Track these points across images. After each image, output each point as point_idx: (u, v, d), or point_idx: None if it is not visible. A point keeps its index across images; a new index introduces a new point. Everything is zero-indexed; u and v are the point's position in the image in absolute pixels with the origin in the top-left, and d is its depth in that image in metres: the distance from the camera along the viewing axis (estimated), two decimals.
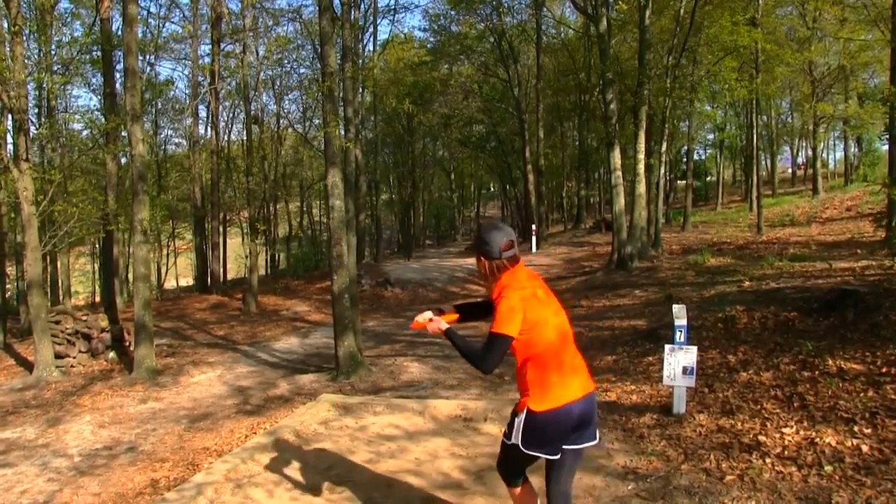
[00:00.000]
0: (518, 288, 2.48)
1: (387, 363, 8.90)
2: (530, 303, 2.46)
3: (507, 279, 2.51)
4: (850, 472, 3.51)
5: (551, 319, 2.50)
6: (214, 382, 9.01)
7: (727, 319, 6.85)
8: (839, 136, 35.45)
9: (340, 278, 8.39)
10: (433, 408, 5.38)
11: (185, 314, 15.62)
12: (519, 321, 2.40)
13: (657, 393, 5.49)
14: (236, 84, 20.16)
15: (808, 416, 4.28)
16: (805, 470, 3.61)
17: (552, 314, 2.52)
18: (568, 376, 2.51)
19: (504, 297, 2.44)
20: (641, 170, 15.45)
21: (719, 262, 12.55)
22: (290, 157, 28.31)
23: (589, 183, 33.22)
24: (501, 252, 2.50)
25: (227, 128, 24.64)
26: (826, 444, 3.84)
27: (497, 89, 28.81)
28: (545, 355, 2.47)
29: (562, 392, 2.46)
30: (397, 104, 17.93)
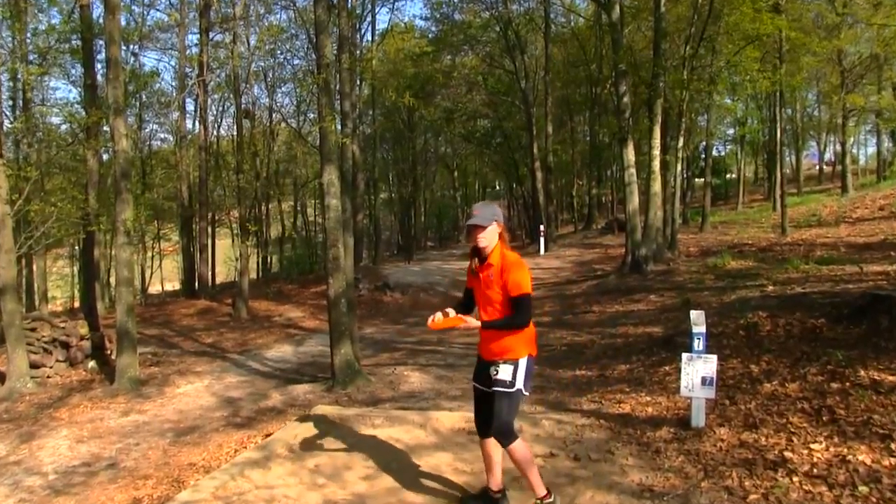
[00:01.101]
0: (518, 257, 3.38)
1: (386, 372, 8.87)
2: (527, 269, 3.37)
3: (505, 248, 3.41)
4: (888, 493, 3.45)
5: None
6: (202, 393, 8.98)
7: (749, 326, 6.81)
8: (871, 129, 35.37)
9: (337, 282, 8.37)
10: (435, 420, 5.36)
11: (170, 320, 15.62)
12: (529, 279, 3.30)
13: (674, 405, 5.46)
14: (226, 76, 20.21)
15: (838, 432, 4.23)
16: (837, 490, 3.57)
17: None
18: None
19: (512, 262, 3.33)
20: (657, 167, 15.40)
21: (740, 265, 12.52)
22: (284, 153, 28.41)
23: (601, 181, 33.21)
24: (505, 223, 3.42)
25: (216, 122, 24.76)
26: (860, 463, 3.79)
27: (503, 82, 28.80)
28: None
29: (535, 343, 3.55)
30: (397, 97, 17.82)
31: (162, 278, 29.62)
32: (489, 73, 28.87)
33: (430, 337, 11.76)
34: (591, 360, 8.00)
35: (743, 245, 16.03)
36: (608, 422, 5.18)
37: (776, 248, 14.66)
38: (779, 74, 16.83)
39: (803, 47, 18.96)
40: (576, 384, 6.96)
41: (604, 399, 6.00)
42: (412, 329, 13.23)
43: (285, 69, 24.06)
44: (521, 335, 3.38)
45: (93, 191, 14.95)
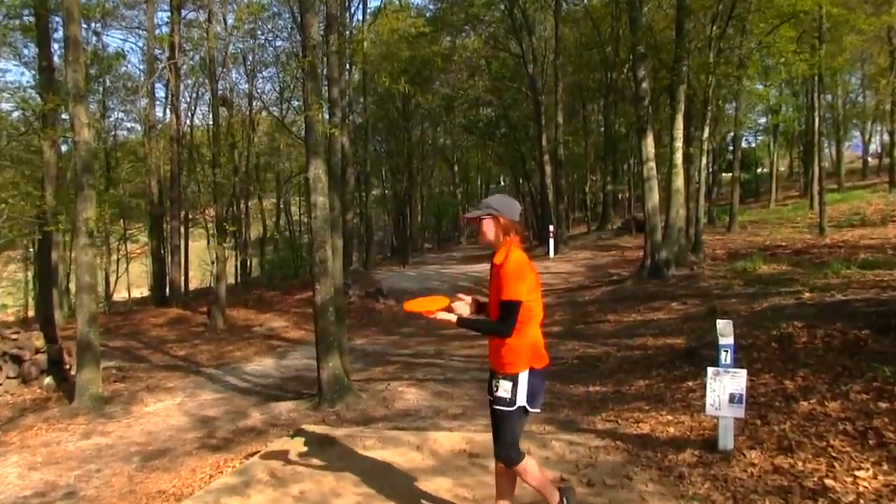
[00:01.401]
0: (520, 260, 3.33)
1: (379, 388, 8.86)
2: (529, 269, 3.33)
3: (512, 247, 3.37)
4: None
5: (537, 294, 3.40)
6: (173, 412, 8.97)
7: (783, 337, 6.79)
8: None
9: (324, 288, 8.36)
10: (433, 441, 5.35)
11: (138, 331, 15.61)
12: (525, 286, 3.26)
13: (699, 425, 5.44)
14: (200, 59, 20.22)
15: (888, 457, 4.20)
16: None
17: (538, 289, 3.44)
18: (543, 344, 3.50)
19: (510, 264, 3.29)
20: (679, 160, 15.42)
21: (773, 270, 12.50)
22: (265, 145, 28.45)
23: (616, 176, 33.23)
24: (518, 221, 3.42)
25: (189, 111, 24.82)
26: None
27: (508, 66, 28.83)
28: (537, 320, 3.41)
29: (544, 356, 3.48)
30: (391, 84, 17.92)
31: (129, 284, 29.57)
32: (493, 57, 28.90)
33: (427, 349, 11.75)
34: (605, 375, 7.99)
35: (776, 247, 16.02)
36: (625, 443, 5.16)
37: (813, 250, 14.65)
38: (818, 56, 16.79)
39: (847, 25, 18.71)
40: (589, 401, 6.94)
41: (620, 418, 5.98)
42: (408, 340, 13.22)
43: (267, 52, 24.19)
44: (521, 345, 3.36)
45: (50, 186, 14.96)
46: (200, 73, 21.28)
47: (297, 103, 25.07)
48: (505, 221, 3.40)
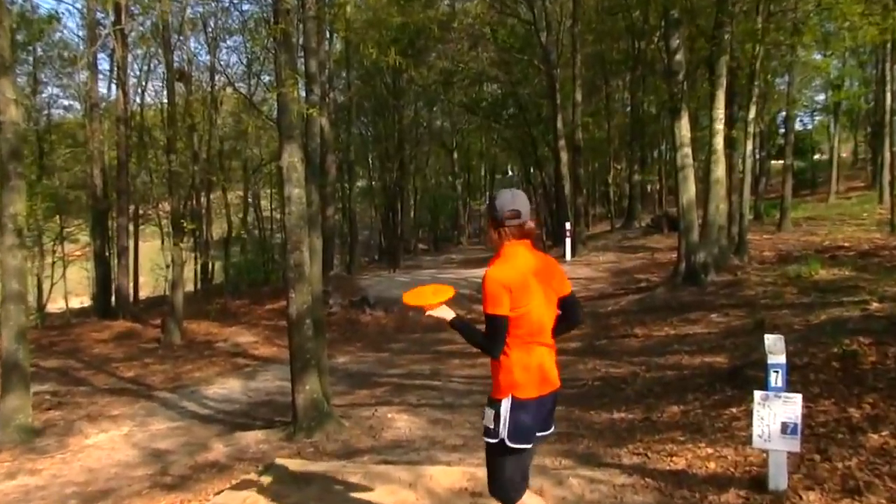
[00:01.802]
0: (505, 266, 3.27)
1: (365, 415, 8.87)
2: (516, 285, 3.22)
3: (507, 252, 3.32)
4: None
5: (537, 308, 3.28)
6: (120, 445, 8.94)
7: (846, 356, 6.79)
8: None
9: (300, 296, 8.35)
10: (429, 478, 5.34)
11: (78, 348, 15.58)
12: (507, 299, 3.19)
13: (744, 460, 5.44)
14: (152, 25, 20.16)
15: None
16: None
17: (540, 303, 3.31)
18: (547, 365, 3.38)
19: (487, 275, 3.25)
20: (720, 145, 15.41)
21: (833, 275, 12.51)
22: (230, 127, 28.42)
23: (645, 164, 33.29)
24: (504, 219, 3.29)
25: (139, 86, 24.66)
26: None
27: (518, 34, 28.85)
28: (530, 338, 3.29)
29: (542, 380, 3.34)
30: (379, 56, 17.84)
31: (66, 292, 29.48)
32: (500, 24, 28.91)
33: (422, 368, 11.75)
34: (632, 400, 7.98)
35: (837, 248, 16.03)
36: (656, 481, 5.15)
37: (883, 252, 14.66)
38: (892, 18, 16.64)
39: None
40: (613, 431, 6.94)
41: (650, 450, 5.96)
42: (399, 357, 13.22)
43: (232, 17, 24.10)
44: (505, 366, 3.30)
45: None
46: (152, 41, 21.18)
47: (267, 78, 25.04)
48: (492, 218, 3.37)
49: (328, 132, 19.19)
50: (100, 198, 20.95)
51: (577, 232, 23.81)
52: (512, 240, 3.30)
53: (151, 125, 25.45)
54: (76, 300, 29.95)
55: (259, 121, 24.92)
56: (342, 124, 28.10)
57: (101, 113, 21.83)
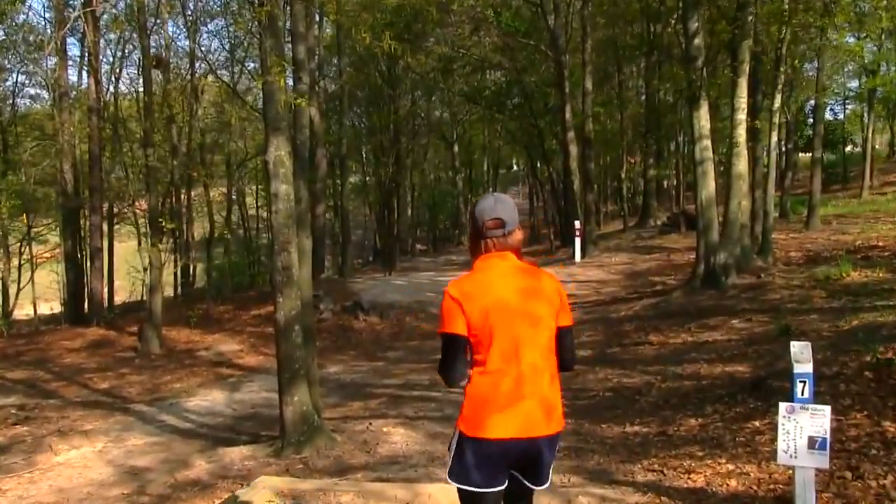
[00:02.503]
0: (466, 279, 3.00)
1: (358, 429, 8.89)
2: (473, 300, 2.89)
3: (477, 265, 3.03)
4: None
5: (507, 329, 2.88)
6: (93, 462, 8.95)
7: (881, 365, 6.81)
8: None
9: (288, 301, 8.37)
10: (427, 497, 5.37)
11: (47, 357, 15.59)
12: (459, 315, 2.88)
13: (769, 477, 5.46)
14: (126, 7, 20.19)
15: None
16: None
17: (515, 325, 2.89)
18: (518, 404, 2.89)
19: (446, 288, 2.96)
20: (742, 137, 15.42)
21: (866, 278, 12.51)
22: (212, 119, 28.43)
23: (661, 158, 33.29)
24: (486, 229, 2.98)
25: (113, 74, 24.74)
26: None
27: (523, 17, 28.89)
28: (494, 367, 2.89)
29: (502, 421, 2.87)
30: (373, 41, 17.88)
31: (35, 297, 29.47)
32: (503, 6, 28.94)
33: (420, 378, 11.77)
34: (647, 412, 8.00)
35: (870, 248, 16.02)
36: (672, 500, 5.17)
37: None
38: None
39: None
40: (626, 445, 6.96)
41: (666, 467, 5.99)
42: (395, 367, 13.24)
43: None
44: (467, 396, 2.98)
45: None
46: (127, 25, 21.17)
47: (252, 65, 25.12)
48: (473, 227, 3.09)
49: (318, 124, 19.21)
50: (71, 195, 20.97)
51: (588, 231, 23.81)
52: (492, 252, 3.00)
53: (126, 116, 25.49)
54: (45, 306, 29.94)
55: (243, 112, 24.96)
56: (333, 115, 28.14)
57: (72, 102, 21.88)
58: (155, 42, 19.12)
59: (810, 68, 25.67)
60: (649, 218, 29.73)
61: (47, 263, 28.63)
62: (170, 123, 20.36)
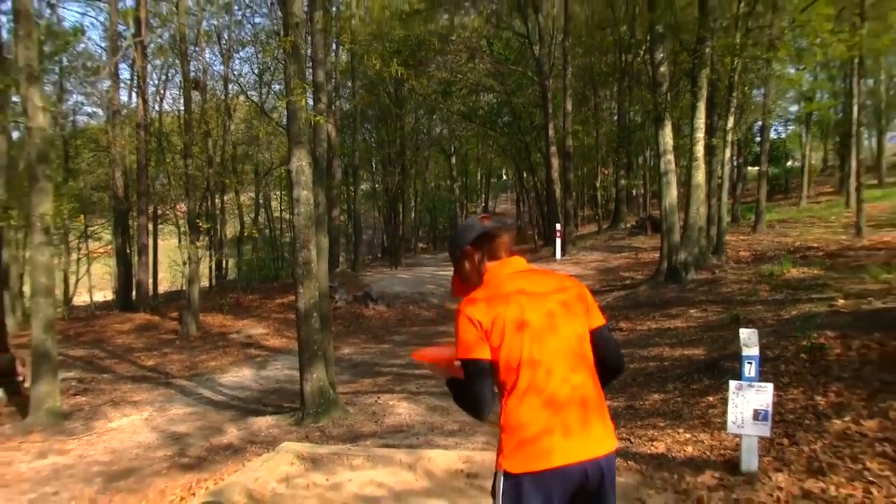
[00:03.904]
0: (480, 292, 2.38)
1: (368, 402, 8.89)
2: (493, 315, 2.29)
3: (487, 278, 2.44)
4: None
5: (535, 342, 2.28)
6: (140, 428, 8.97)
7: (814, 349, 6.83)
8: None
9: (308, 292, 8.37)
10: (428, 460, 5.37)
11: (102, 338, 15.60)
12: (481, 339, 2.28)
13: (720, 444, 5.49)
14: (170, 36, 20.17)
15: None
16: None
17: (545, 335, 2.30)
18: (561, 425, 2.25)
19: (459, 308, 2.34)
20: (700, 153, 15.44)
21: (803, 274, 12.54)
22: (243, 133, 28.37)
23: (631, 170, 33.31)
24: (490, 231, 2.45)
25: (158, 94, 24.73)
26: None
27: (512, 47, 28.86)
28: (527, 390, 2.27)
29: (555, 447, 2.23)
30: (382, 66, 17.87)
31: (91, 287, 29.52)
32: (495, 37, 28.91)
33: None
34: (617, 389, 8.01)
35: (807, 249, 16.05)
36: (638, 463, 5.19)
37: (849, 253, 14.67)
38: (859, 36, 16.65)
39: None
40: None
41: (633, 436, 6.01)
42: (400, 349, 13.25)
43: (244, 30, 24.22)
44: (504, 429, 2.32)
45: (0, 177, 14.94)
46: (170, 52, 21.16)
47: (278, 87, 25.05)
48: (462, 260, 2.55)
49: (334, 138, 19.20)
50: (121, 199, 20.97)
51: (567, 233, 23.79)
52: (497, 259, 2.47)
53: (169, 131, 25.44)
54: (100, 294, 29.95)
55: (270, 127, 24.96)
56: (347, 131, 28.10)
57: (123, 119, 21.87)
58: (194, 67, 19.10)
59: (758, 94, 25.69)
60: (620, 221, 29.72)
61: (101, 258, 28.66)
62: (206, 137, 20.34)
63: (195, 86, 19.13)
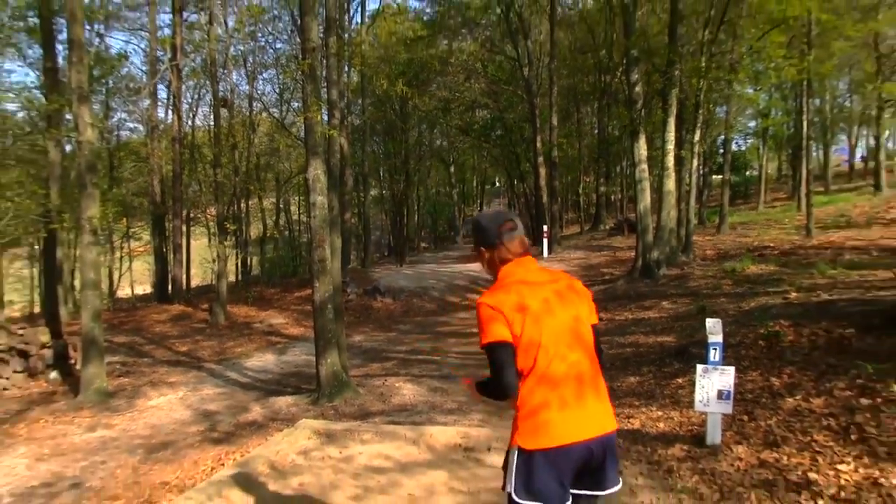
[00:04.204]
0: (499, 285, 2.38)
1: (376, 384, 8.90)
2: (513, 302, 2.29)
3: (506, 272, 2.42)
4: None
5: (552, 328, 2.29)
6: (176, 406, 8.99)
7: (770, 336, 6.85)
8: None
9: (323, 286, 8.39)
10: (429, 436, 5.39)
11: (141, 327, 15.61)
12: (503, 323, 2.25)
13: (688, 420, 5.50)
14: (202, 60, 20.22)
15: (868, 452, 4.25)
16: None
17: (557, 323, 2.31)
18: (574, 406, 2.28)
19: (477, 302, 2.33)
20: (671, 162, 15.46)
21: (761, 270, 12.56)
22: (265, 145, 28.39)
23: (609, 177, 33.28)
24: (502, 231, 2.44)
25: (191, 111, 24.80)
26: (893, 487, 3.81)
27: (504, 69, 28.85)
28: (541, 373, 2.27)
29: (562, 427, 2.24)
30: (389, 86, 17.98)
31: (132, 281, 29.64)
32: (489, 60, 28.91)
33: (424, 346, 11.80)
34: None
35: (764, 248, 16.07)
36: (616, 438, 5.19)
37: (800, 251, 14.70)
38: (807, 61, 16.78)
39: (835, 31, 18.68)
40: None
41: None
42: (404, 336, 13.26)
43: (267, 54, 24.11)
44: (519, 408, 2.31)
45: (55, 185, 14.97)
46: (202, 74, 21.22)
47: (296, 105, 25.05)
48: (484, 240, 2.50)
49: (346, 150, 19.19)
50: (158, 204, 20.96)
51: (553, 234, 23.82)
52: (512, 259, 2.44)
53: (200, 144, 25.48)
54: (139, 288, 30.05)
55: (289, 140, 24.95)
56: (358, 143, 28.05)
57: (160, 134, 21.87)
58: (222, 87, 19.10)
59: (721, 111, 25.75)
60: (600, 224, 29.73)
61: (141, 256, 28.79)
62: (233, 149, 20.36)
63: (223, 104, 19.12)
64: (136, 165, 26.73)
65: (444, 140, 37.33)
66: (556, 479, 2.23)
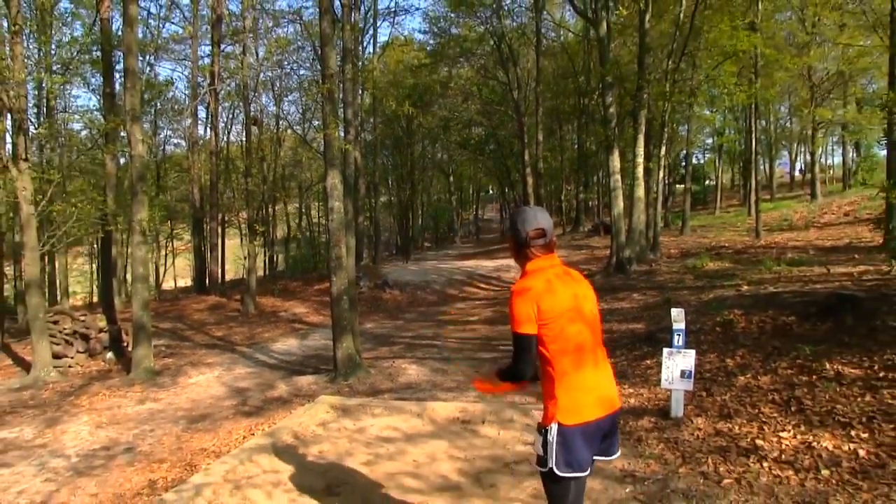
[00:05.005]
0: (533, 277, 2.33)
1: (385, 365, 8.91)
2: (541, 295, 2.26)
3: (532, 267, 2.37)
4: (846, 476, 3.52)
5: (574, 319, 2.29)
6: (213, 383, 9.00)
7: (725, 323, 6.87)
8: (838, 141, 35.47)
9: (339, 280, 8.39)
10: (432, 410, 5.39)
11: (183, 315, 15.62)
12: (531, 312, 2.24)
13: (655, 396, 5.51)
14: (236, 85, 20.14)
15: (805, 420, 4.29)
16: (802, 474, 3.63)
17: (578, 314, 2.31)
18: (595, 388, 2.30)
19: (513, 290, 2.32)
20: (640, 173, 15.47)
21: (717, 266, 12.57)
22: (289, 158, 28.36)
23: (588, 186, 33.27)
24: (529, 239, 2.38)
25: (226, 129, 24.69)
26: (823, 449, 3.86)
27: (496, 92, 28.84)
28: (572, 356, 2.27)
29: (589, 405, 2.26)
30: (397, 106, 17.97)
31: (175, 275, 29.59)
32: (484, 84, 28.90)
33: (427, 332, 11.80)
34: None
35: (720, 247, 16.09)
36: None
37: (751, 250, 14.72)
38: (754, 88, 16.90)
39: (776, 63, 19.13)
40: None
41: None
42: (410, 324, 13.26)
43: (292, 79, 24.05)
44: (548, 390, 2.31)
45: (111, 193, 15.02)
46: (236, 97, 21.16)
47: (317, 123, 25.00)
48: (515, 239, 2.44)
49: (360, 162, 19.20)
50: (198, 208, 20.96)
51: None
52: (539, 256, 2.40)
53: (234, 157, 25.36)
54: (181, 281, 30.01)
55: (310, 153, 24.99)
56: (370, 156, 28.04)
57: (199, 148, 21.84)
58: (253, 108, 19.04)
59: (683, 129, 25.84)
60: (580, 226, 29.73)
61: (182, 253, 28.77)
62: (262, 161, 20.32)
63: (254, 122, 19.10)
64: (178, 175, 26.77)
65: (445, 153, 37.33)
66: (589, 450, 2.27)
